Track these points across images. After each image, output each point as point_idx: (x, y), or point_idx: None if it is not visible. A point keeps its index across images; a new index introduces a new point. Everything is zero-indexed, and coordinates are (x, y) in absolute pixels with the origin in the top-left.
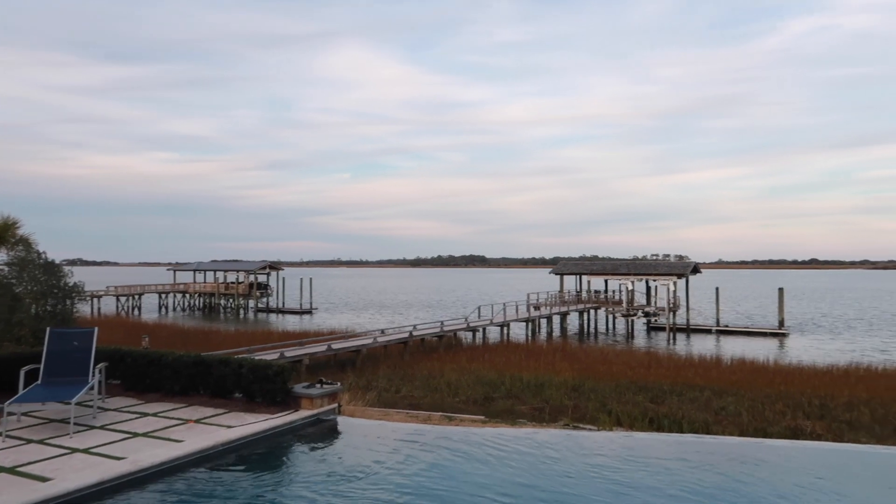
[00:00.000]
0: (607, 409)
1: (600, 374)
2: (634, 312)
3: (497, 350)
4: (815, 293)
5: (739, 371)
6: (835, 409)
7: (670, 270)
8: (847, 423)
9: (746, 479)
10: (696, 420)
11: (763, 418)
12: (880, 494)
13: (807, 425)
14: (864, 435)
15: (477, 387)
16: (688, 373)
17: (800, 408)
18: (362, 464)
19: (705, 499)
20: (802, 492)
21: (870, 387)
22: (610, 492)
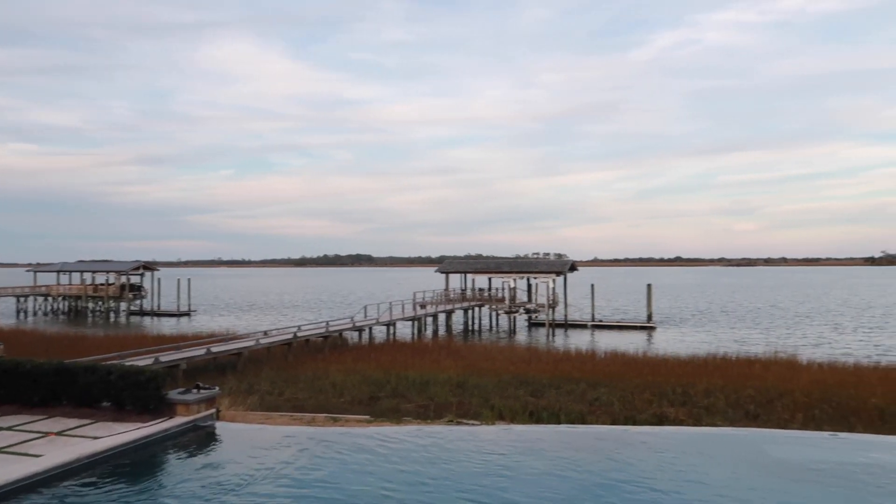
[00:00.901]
0: (490, 404)
1: (484, 370)
2: (516, 309)
3: (383, 349)
4: (679, 289)
5: (612, 363)
6: (695, 396)
7: (550, 268)
8: (705, 409)
9: (615, 463)
10: (572, 411)
11: (633, 407)
12: (732, 470)
13: (671, 412)
14: (720, 418)
15: (363, 386)
16: (565, 366)
17: (665, 396)
18: (242, 469)
19: (578, 483)
20: (664, 471)
21: (725, 375)
22: (489, 481)
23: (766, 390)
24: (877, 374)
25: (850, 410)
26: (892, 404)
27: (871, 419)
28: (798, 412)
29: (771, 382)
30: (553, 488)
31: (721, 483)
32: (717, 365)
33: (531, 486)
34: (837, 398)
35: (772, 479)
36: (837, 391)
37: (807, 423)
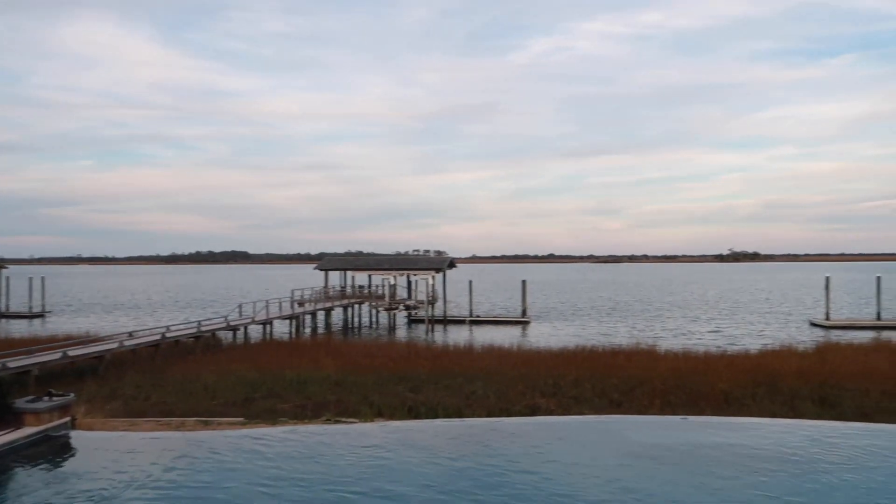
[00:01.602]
0: (369, 401)
1: (363, 367)
2: (396, 306)
3: (259, 349)
4: (552, 285)
5: (488, 357)
6: (565, 387)
7: (429, 265)
8: (574, 398)
9: (488, 450)
10: (449, 405)
11: (507, 399)
12: (596, 454)
13: (542, 403)
14: (587, 407)
15: (237, 388)
16: (444, 362)
17: (537, 388)
18: (100, 480)
19: (452, 470)
20: (533, 456)
21: (593, 365)
22: (367, 473)
23: (629, 379)
24: (724, 362)
25: (700, 395)
26: (735, 388)
27: (718, 402)
28: (656, 398)
29: (633, 372)
30: (428, 476)
31: (585, 465)
32: (585, 356)
33: (407, 476)
34: (690, 384)
35: (630, 460)
36: (690, 378)
37: (664, 408)
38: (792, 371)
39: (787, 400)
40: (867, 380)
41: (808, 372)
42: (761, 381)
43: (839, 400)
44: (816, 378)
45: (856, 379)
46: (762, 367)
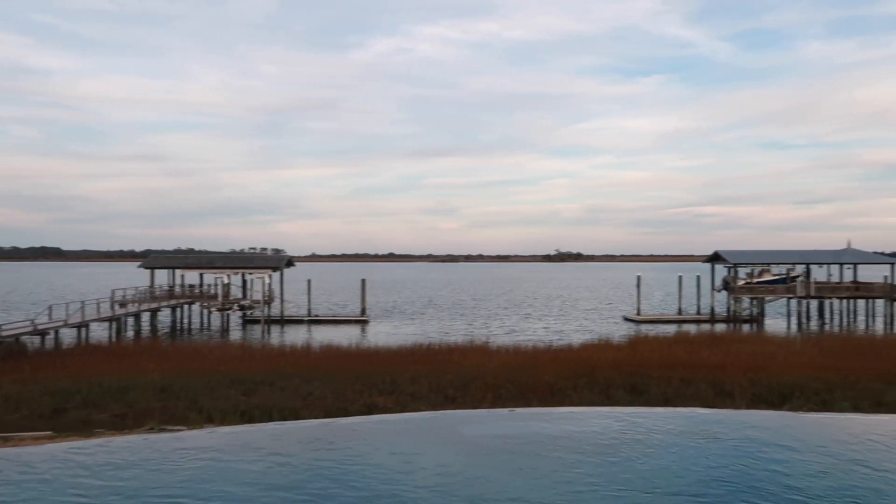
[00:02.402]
0: (198, 406)
1: (193, 370)
2: (230, 306)
3: (73, 354)
4: (392, 283)
5: (326, 357)
6: (402, 384)
7: (266, 264)
8: (411, 395)
9: (325, 450)
10: (285, 407)
11: (345, 398)
12: (428, 448)
13: (380, 401)
14: (423, 404)
15: (45, 398)
16: (280, 362)
17: (375, 386)
18: None
19: (286, 469)
20: (369, 456)
21: (429, 362)
22: (194, 478)
23: (463, 375)
24: (550, 356)
25: (528, 388)
26: (560, 380)
27: (544, 394)
28: (488, 393)
29: (467, 367)
30: (259, 477)
31: (419, 460)
32: (422, 354)
33: (238, 478)
34: (519, 378)
35: (460, 454)
36: (520, 372)
37: (495, 401)
38: (608, 362)
39: (603, 389)
40: (670, 368)
41: (622, 363)
42: (582, 373)
43: (647, 387)
44: (628, 368)
45: (660, 368)
46: (583, 360)
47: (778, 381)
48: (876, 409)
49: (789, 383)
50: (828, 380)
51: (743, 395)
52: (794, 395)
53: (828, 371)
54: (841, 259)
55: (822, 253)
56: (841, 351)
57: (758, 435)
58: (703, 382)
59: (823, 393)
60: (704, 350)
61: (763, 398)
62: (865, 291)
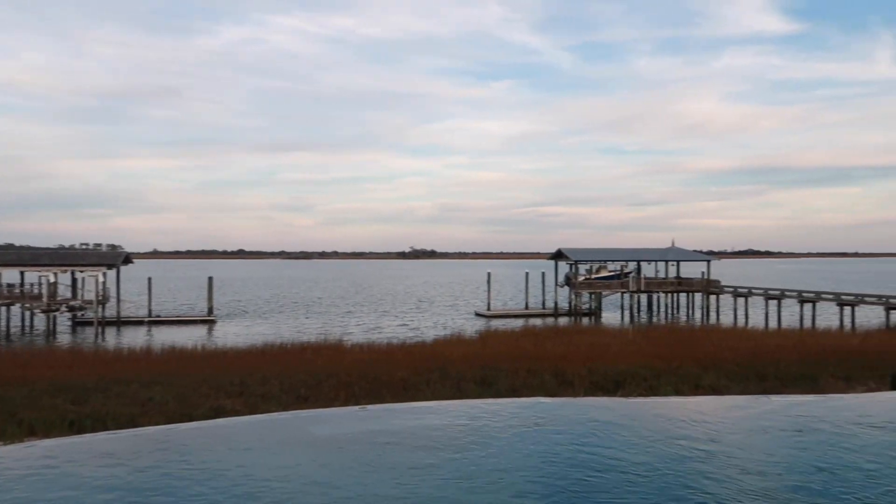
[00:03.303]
0: (18, 418)
1: (11, 379)
2: (57, 307)
3: None
4: (242, 282)
5: (168, 360)
6: (252, 385)
7: (100, 261)
8: (261, 396)
9: (161, 462)
10: (121, 415)
11: (189, 403)
12: (277, 450)
13: (228, 403)
14: (274, 404)
15: None
16: (116, 367)
17: (223, 388)
18: None
19: (120, 482)
20: (217, 462)
21: (281, 362)
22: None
23: (316, 373)
24: (403, 351)
25: (382, 384)
26: (413, 375)
27: (398, 390)
28: (341, 391)
29: (321, 366)
30: (87, 492)
31: (268, 463)
32: (274, 353)
33: (62, 494)
34: (373, 374)
35: (309, 453)
36: (373, 368)
37: (348, 399)
38: (460, 356)
39: (455, 383)
40: (517, 361)
41: (473, 356)
42: (434, 367)
43: (495, 379)
44: (479, 361)
45: (509, 360)
46: (436, 355)
47: (612, 370)
48: (694, 392)
49: (622, 371)
50: (655, 367)
51: (582, 383)
52: (626, 381)
53: (655, 359)
54: (666, 257)
55: (650, 251)
56: (666, 340)
57: (593, 420)
58: (548, 373)
59: (651, 379)
60: (548, 342)
61: (600, 386)
62: (687, 286)
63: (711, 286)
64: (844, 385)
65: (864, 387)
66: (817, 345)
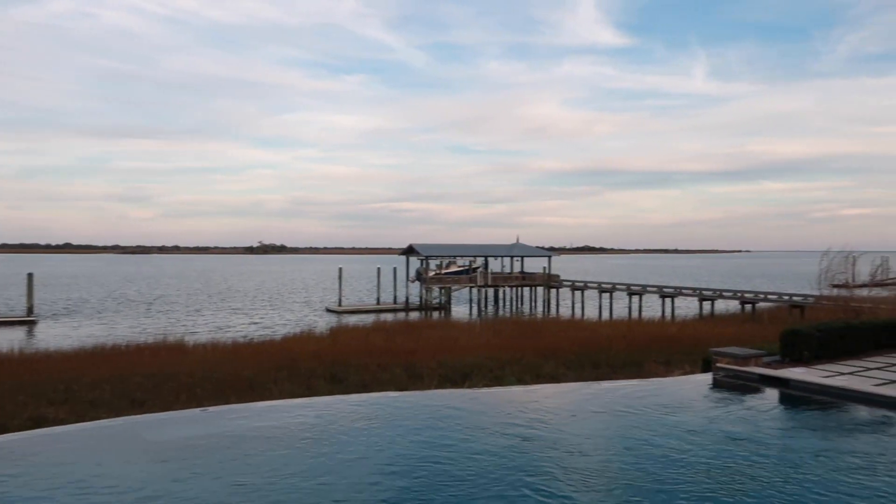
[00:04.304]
0: None
1: None
2: None
3: None
4: (70, 278)
5: None
6: (80, 391)
7: None
8: (90, 403)
9: None
10: None
11: (3, 413)
12: (104, 460)
13: (50, 412)
14: (105, 410)
15: None
16: None
17: (44, 396)
18: None
19: None
20: (38, 479)
21: (114, 365)
22: None
23: (154, 376)
24: (250, 350)
25: (227, 385)
26: (260, 374)
27: (244, 390)
28: (182, 393)
29: (159, 368)
30: None
31: (95, 475)
32: (105, 356)
33: None
34: (217, 375)
35: (142, 461)
36: (218, 368)
37: (190, 401)
38: (309, 353)
39: (304, 380)
40: (368, 356)
41: (323, 353)
42: (283, 365)
43: (346, 375)
44: (329, 358)
45: (359, 356)
46: (284, 352)
47: (461, 363)
48: (536, 381)
49: (470, 363)
50: (500, 358)
51: (432, 376)
52: (473, 373)
53: (500, 351)
54: (511, 253)
55: (497, 247)
56: (510, 333)
57: (441, 411)
58: (398, 367)
59: (497, 370)
60: (399, 337)
61: (448, 378)
62: (530, 280)
63: (552, 280)
64: (664, 369)
65: (681, 370)
66: (643, 333)
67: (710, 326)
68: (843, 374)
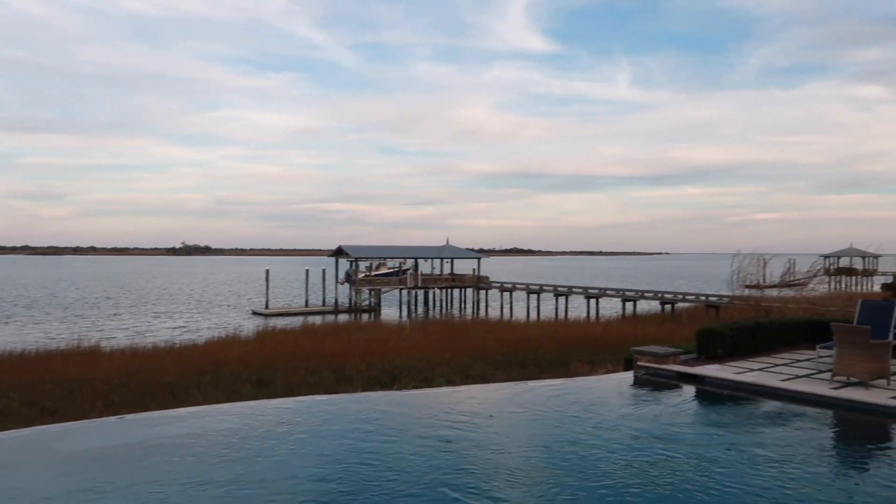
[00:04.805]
0: None
1: None
2: None
3: None
4: None
5: None
6: None
7: None
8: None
9: None
10: None
11: None
12: (15, 477)
13: None
14: (12, 421)
15: None
16: None
17: None
18: None
19: None
20: None
21: (22, 372)
22: None
23: (67, 383)
24: (172, 355)
25: (146, 391)
26: (182, 380)
27: (165, 396)
28: (98, 400)
29: (73, 375)
30: None
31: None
32: (13, 362)
33: None
34: (136, 381)
35: (51, 473)
36: (137, 374)
37: (106, 409)
38: (235, 357)
39: (229, 385)
40: (295, 359)
41: (249, 357)
42: (207, 370)
43: (273, 380)
44: (256, 362)
45: (286, 359)
46: (208, 357)
47: (390, 364)
48: (465, 381)
49: (399, 365)
50: (430, 360)
51: (360, 378)
52: (402, 375)
53: (430, 352)
54: (441, 254)
55: (427, 248)
56: (440, 334)
57: (368, 413)
58: (326, 370)
59: (426, 371)
60: (328, 339)
61: (377, 380)
62: (460, 282)
63: (481, 282)
64: (589, 368)
65: (604, 369)
66: (568, 334)
67: (632, 326)
68: (753, 371)
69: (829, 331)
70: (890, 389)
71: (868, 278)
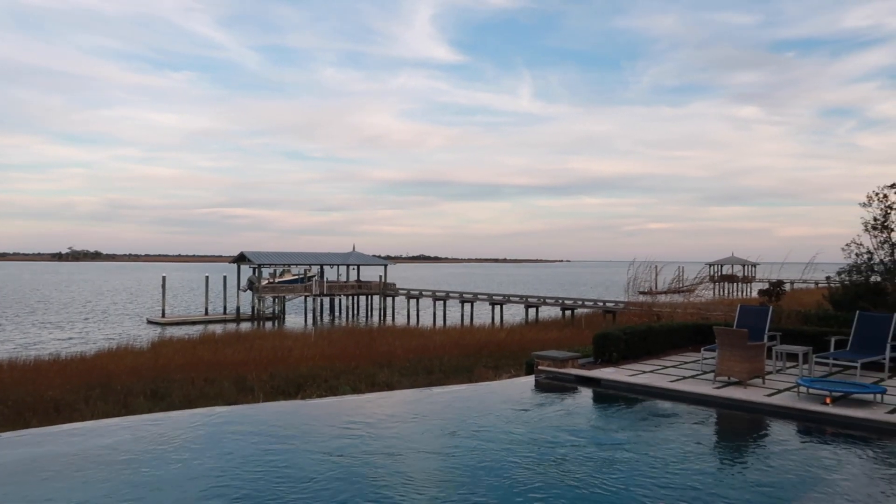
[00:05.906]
0: None
1: None
2: None
3: None
4: None
5: None
6: None
7: None
8: None
9: None
10: None
11: None
12: None
13: None
14: None
15: None
16: None
17: None
18: None
19: None
20: None
21: None
22: None
23: None
24: (56, 367)
25: (26, 407)
26: (67, 394)
27: (48, 412)
28: None
29: None
30: None
31: None
32: None
33: None
34: (14, 397)
35: None
36: (15, 389)
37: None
38: (127, 369)
39: (121, 398)
40: (194, 369)
41: (142, 368)
42: (96, 383)
43: (169, 392)
44: (150, 373)
45: (184, 370)
46: (97, 369)
47: (294, 373)
48: (370, 389)
49: (303, 374)
50: (335, 368)
51: (263, 388)
52: (306, 384)
53: (335, 360)
54: (348, 261)
55: (333, 255)
56: (346, 342)
57: (269, 424)
58: (227, 380)
59: (331, 379)
60: (229, 349)
61: (281, 390)
62: (366, 289)
63: (388, 289)
64: (493, 373)
65: (507, 374)
66: (474, 340)
67: (535, 332)
68: (645, 373)
69: (712, 334)
70: (765, 388)
71: (748, 285)
